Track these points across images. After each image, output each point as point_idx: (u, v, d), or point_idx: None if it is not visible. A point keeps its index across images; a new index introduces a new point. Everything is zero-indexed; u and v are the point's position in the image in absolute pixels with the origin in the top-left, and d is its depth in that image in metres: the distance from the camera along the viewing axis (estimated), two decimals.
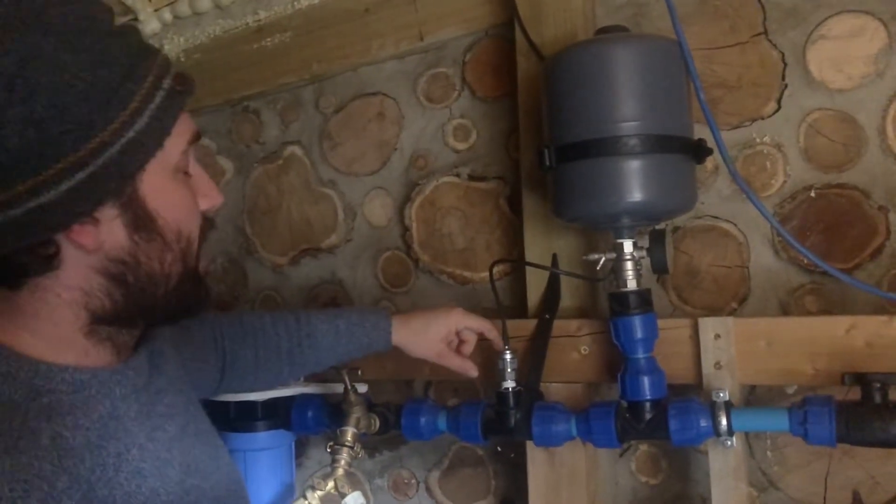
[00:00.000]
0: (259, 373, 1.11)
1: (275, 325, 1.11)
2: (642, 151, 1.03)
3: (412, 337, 1.15)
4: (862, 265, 1.19)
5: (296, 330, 1.11)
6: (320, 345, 1.12)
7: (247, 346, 1.09)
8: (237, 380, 1.11)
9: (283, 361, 1.12)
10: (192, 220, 0.73)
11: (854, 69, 1.20)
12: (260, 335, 1.10)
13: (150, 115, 0.64)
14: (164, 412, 0.77)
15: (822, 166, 1.22)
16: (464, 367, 1.18)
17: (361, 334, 1.13)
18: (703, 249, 1.29)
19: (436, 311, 1.17)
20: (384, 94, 1.59)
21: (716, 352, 1.13)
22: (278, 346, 1.11)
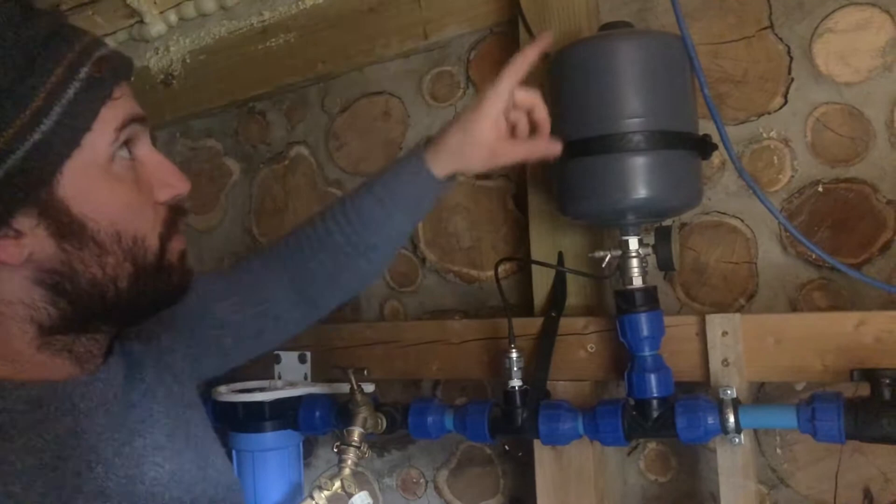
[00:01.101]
0: (338, 277, 0.97)
1: (325, 224, 0.95)
2: (647, 148, 1.02)
3: (457, 157, 0.92)
4: (871, 260, 1.19)
5: (343, 217, 0.94)
6: (375, 220, 0.94)
7: (312, 261, 0.95)
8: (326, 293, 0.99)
9: (353, 255, 0.95)
10: (137, 217, 0.67)
11: (861, 62, 1.19)
12: (316, 242, 0.95)
13: (60, 111, 0.59)
14: (139, 425, 0.72)
15: (829, 161, 1.21)
16: (535, 148, 0.96)
17: (404, 188, 0.94)
18: (710, 246, 1.29)
19: (465, 114, 0.93)
20: (389, 94, 1.58)
21: (723, 349, 1.12)
22: (337, 244, 0.95)
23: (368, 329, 1.44)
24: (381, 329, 1.44)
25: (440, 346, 1.36)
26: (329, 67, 1.60)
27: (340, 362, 1.40)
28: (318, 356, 1.44)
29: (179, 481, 0.73)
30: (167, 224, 0.69)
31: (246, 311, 0.94)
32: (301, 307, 0.98)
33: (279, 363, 1.46)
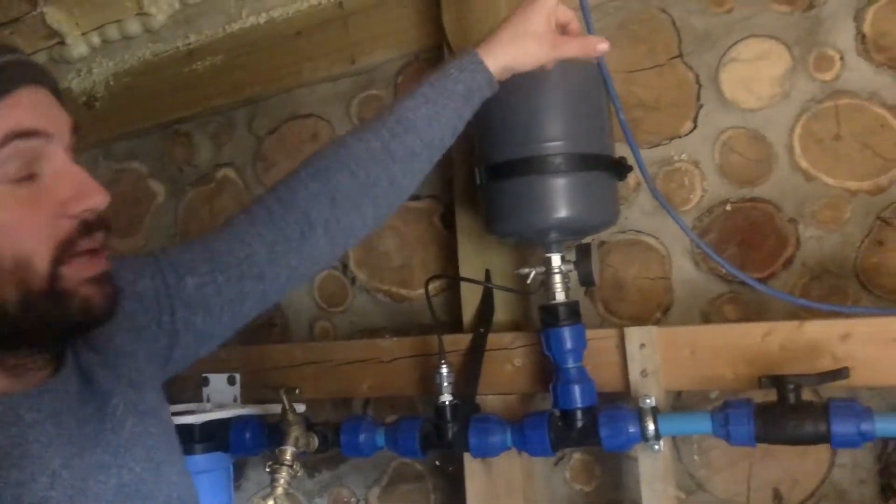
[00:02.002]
0: (370, 190, 0.91)
1: (355, 136, 0.92)
2: (567, 170, 1.08)
3: (513, 48, 0.94)
4: (776, 274, 1.27)
5: (380, 125, 0.91)
6: (417, 122, 0.91)
7: (340, 173, 0.89)
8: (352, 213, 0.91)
9: (386, 162, 0.91)
10: (24, 236, 0.64)
11: (763, 90, 1.28)
12: (343, 152, 0.91)
13: None
14: (91, 437, 0.72)
15: (736, 181, 1.29)
16: (590, 45, 1.01)
17: (454, 85, 0.93)
18: (627, 262, 1.35)
19: (520, 11, 0.96)
20: (318, 116, 1.61)
21: (642, 360, 1.18)
22: (370, 150, 0.90)
23: (298, 349, 1.45)
24: (311, 349, 1.45)
25: (371, 364, 1.38)
26: (257, 90, 1.62)
27: (271, 383, 1.40)
28: (248, 378, 1.44)
29: (126, 496, 0.72)
30: (64, 245, 0.66)
31: (217, 278, 0.85)
32: (293, 254, 0.89)
33: (207, 386, 1.45)
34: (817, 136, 1.24)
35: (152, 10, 1.65)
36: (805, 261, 1.25)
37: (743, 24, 1.29)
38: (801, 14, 1.26)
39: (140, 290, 0.83)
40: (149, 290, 0.83)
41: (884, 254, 1.21)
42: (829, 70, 1.24)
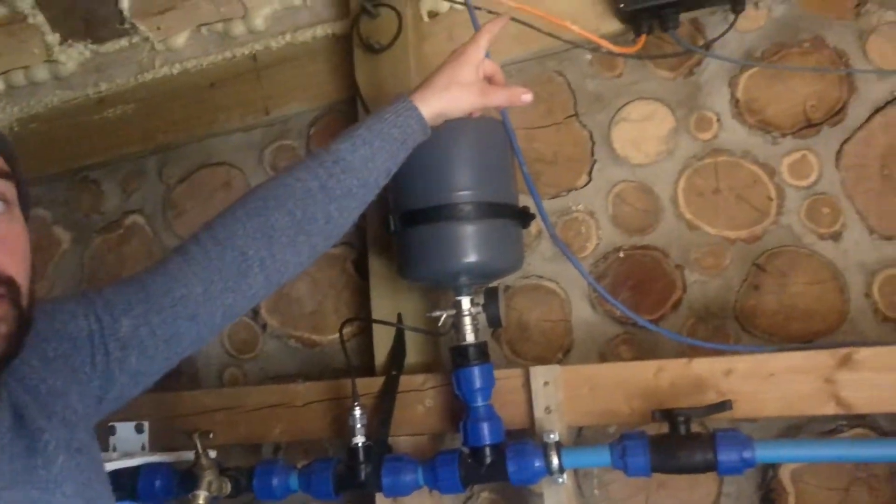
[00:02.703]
0: (306, 227, 0.93)
1: (293, 175, 0.94)
2: (476, 217, 1.15)
3: (445, 96, 1.00)
4: (665, 316, 1.37)
5: (317, 165, 0.95)
6: (355, 163, 0.95)
7: (277, 211, 0.92)
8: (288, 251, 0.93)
9: (323, 202, 0.94)
10: None
11: (650, 147, 1.40)
12: (281, 191, 0.93)
13: None
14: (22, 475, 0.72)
15: (628, 230, 1.40)
16: (516, 94, 1.06)
17: (389, 129, 0.97)
18: (531, 306, 1.43)
19: (449, 62, 1.02)
20: (230, 165, 1.64)
21: (546, 397, 1.25)
22: (308, 189, 0.93)
23: (209, 396, 1.45)
24: (222, 395, 1.45)
25: (283, 409, 1.40)
26: (169, 138, 1.63)
27: (182, 430, 1.39)
28: (157, 425, 1.43)
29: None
30: None
31: (152, 319, 0.86)
32: (229, 293, 0.90)
33: (114, 435, 1.43)
34: (699, 190, 1.37)
35: (62, 57, 1.65)
36: (691, 303, 1.36)
37: (631, 87, 1.42)
38: (682, 80, 1.40)
39: (73, 330, 0.83)
40: (82, 331, 0.83)
41: (760, 297, 1.33)
42: (708, 130, 1.38)
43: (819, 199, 1.31)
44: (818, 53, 1.33)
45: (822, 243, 1.30)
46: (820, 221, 1.31)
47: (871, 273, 1.28)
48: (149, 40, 1.63)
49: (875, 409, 1.13)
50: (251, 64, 1.58)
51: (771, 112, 1.35)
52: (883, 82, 1.29)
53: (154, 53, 1.65)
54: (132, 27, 1.62)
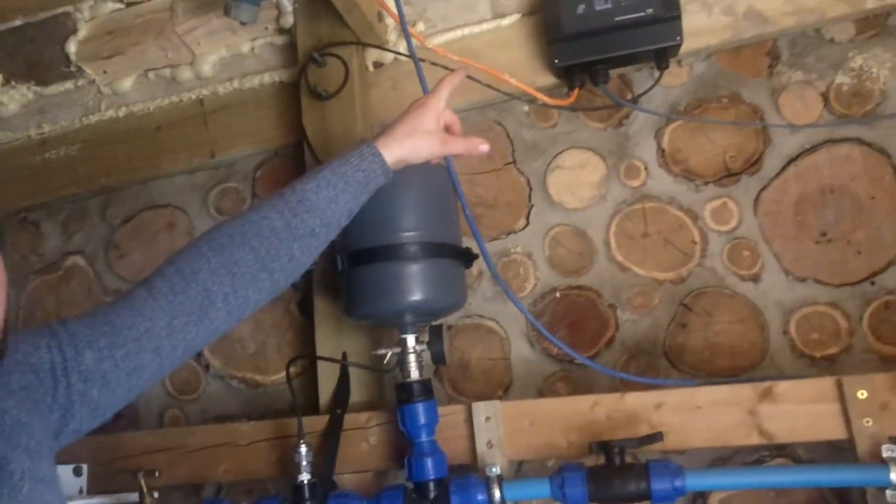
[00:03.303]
0: (269, 264, 0.95)
1: (258, 213, 0.97)
2: (421, 257, 1.20)
3: (407, 143, 1.04)
4: (600, 353, 1.44)
5: (282, 204, 0.97)
6: (319, 203, 0.98)
7: (242, 248, 0.93)
8: (250, 287, 0.95)
9: (287, 240, 0.96)
10: None
11: (583, 193, 1.48)
12: (246, 228, 0.95)
13: None
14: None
15: (563, 272, 1.47)
16: (473, 144, 1.09)
17: (353, 172, 1.01)
18: (472, 344, 1.48)
19: (411, 110, 1.07)
20: (174, 206, 1.65)
21: (487, 432, 1.29)
22: (273, 228, 0.95)
23: (151, 436, 1.44)
24: (165, 435, 1.44)
25: (227, 448, 1.40)
26: (113, 180, 1.64)
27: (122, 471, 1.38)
28: (97, 468, 1.41)
29: None
30: None
31: (116, 353, 0.86)
32: (191, 328, 0.92)
33: None
34: (629, 233, 1.45)
35: (3, 98, 1.65)
36: (624, 341, 1.43)
37: (565, 137, 1.50)
38: (612, 130, 1.49)
39: (36, 362, 0.83)
40: (45, 363, 0.83)
41: (687, 335, 1.41)
42: (637, 178, 1.47)
43: (739, 243, 1.41)
44: (736, 108, 1.44)
45: (744, 284, 1.40)
46: (741, 264, 1.40)
47: (787, 312, 1.37)
48: (95, 83, 1.65)
49: (794, 438, 1.20)
50: (198, 108, 1.61)
51: (694, 162, 1.45)
52: (795, 136, 1.40)
53: (100, 96, 1.67)
54: (78, 70, 1.63)
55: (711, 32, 1.40)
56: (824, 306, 1.36)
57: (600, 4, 1.33)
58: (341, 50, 1.48)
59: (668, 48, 1.34)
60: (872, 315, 1.34)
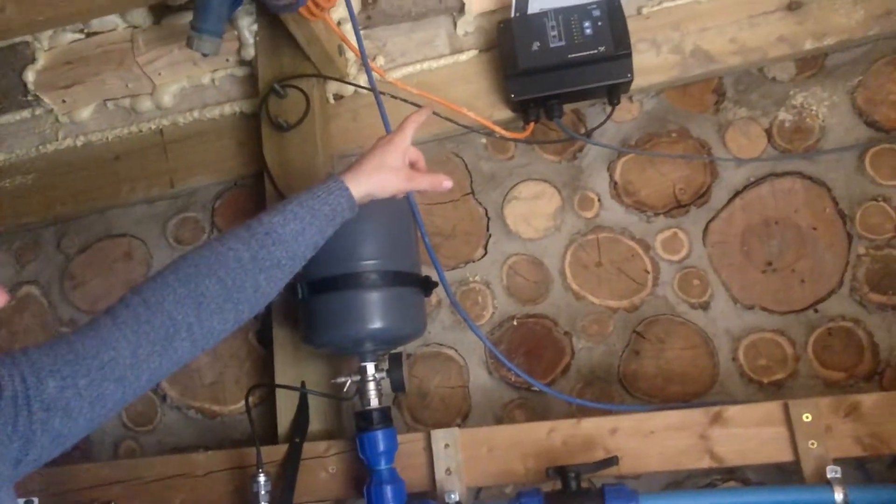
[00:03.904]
0: (235, 295, 0.95)
1: (225, 244, 0.96)
2: (381, 285, 1.22)
3: (374, 179, 1.06)
4: (556, 380, 1.46)
5: (249, 236, 0.97)
6: (285, 236, 0.99)
7: (208, 278, 0.93)
8: (215, 318, 0.94)
9: (253, 272, 0.96)
10: None
11: (539, 223, 1.52)
12: (213, 259, 0.95)
13: None
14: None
15: (520, 300, 1.50)
16: (438, 181, 1.12)
17: (321, 205, 1.02)
18: (431, 373, 1.50)
19: (378, 147, 1.09)
20: (132, 236, 1.64)
21: (446, 459, 1.30)
22: (240, 259, 0.95)
23: (106, 468, 1.42)
24: (119, 467, 1.42)
25: (184, 479, 1.38)
26: (69, 209, 1.63)
27: None
28: (48, 501, 1.38)
29: None
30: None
31: (79, 382, 0.85)
32: (156, 357, 0.91)
33: None
34: (583, 263, 1.49)
35: None
36: (579, 368, 1.46)
37: (521, 169, 1.54)
38: (567, 163, 1.53)
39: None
40: (6, 391, 0.81)
41: (640, 362, 1.44)
42: (591, 209, 1.51)
43: (689, 272, 1.45)
44: (684, 142, 1.50)
45: (694, 312, 1.44)
46: (690, 292, 1.45)
47: (736, 339, 1.42)
48: (52, 112, 1.64)
49: (743, 461, 1.24)
50: (157, 138, 1.61)
51: (645, 194, 1.49)
52: (741, 169, 1.46)
53: (57, 125, 1.66)
54: (35, 99, 1.63)
55: (660, 70, 1.46)
56: (771, 333, 1.41)
57: (554, 42, 1.38)
58: (302, 82, 1.50)
59: (620, 84, 1.39)
60: (816, 341, 1.39)
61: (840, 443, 1.20)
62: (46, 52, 1.61)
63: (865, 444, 1.20)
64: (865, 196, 1.41)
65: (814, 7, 1.42)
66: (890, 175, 1.40)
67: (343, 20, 1.43)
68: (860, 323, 1.38)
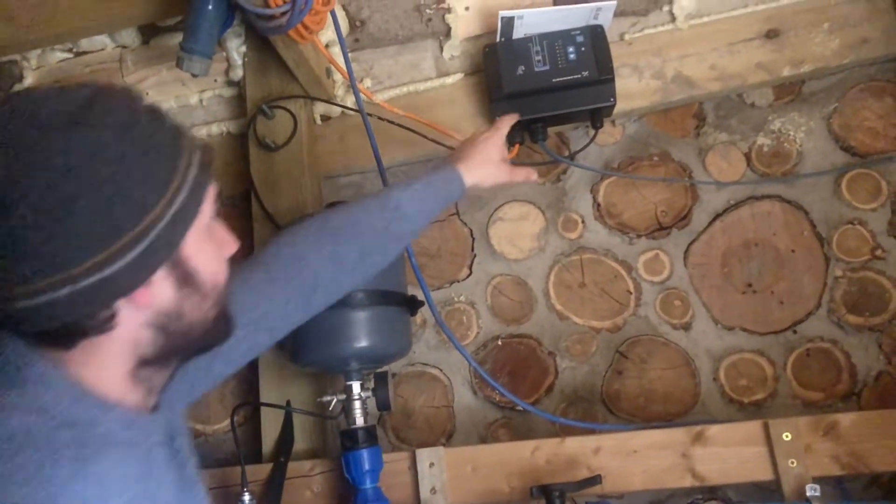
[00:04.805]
0: (367, 259, 1.06)
1: (360, 212, 1.06)
2: (367, 304, 1.23)
3: (479, 170, 1.14)
4: (540, 400, 1.48)
5: (381, 208, 1.06)
6: (410, 213, 1.07)
7: (348, 243, 1.03)
8: (346, 280, 1.05)
9: (385, 240, 1.07)
10: (222, 268, 0.79)
11: (524, 244, 1.54)
12: (352, 225, 1.05)
13: (189, 189, 0.71)
14: (182, 463, 0.81)
15: (505, 320, 1.51)
16: (531, 173, 1.23)
17: (441, 191, 1.11)
18: (416, 392, 1.50)
19: (479, 142, 1.17)
20: None
21: (431, 478, 1.31)
22: (375, 228, 1.05)
23: None
24: None
25: None
26: None
27: None
28: None
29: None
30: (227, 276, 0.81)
31: (238, 332, 0.91)
32: (300, 311, 1.03)
33: None
34: (567, 283, 1.51)
35: None
36: (563, 388, 1.47)
37: (506, 190, 1.56)
38: (551, 185, 1.56)
39: None
40: None
41: (623, 381, 1.46)
42: (575, 230, 1.53)
43: (671, 293, 1.48)
44: (665, 166, 1.53)
45: (676, 333, 1.46)
46: (672, 313, 1.47)
47: (717, 359, 1.44)
48: None
49: (725, 480, 1.26)
50: None
51: (627, 216, 1.52)
52: (721, 192, 1.49)
53: None
54: None
55: (642, 95, 1.49)
56: (751, 354, 1.43)
57: (539, 66, 1.41)
58: (290, 103, 1.52)
59: (603, 108, 1.42)
60: (795, 362, 1.41)
61: (819, 462, 1.22)
62: (34, 71, 1.62)
63: (844, 462, 1.22)
64: (842, 219, 1.44)
65: (791, 36, 1.46)
66: (866, 199, 1.44)
67: (331, 42, 1.45)
68: (838, 344, 1.41)
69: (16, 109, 0.66)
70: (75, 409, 0.69)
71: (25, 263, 0.64)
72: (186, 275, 0.74)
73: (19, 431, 0.64)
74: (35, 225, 0.63)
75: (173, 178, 0.70)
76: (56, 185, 0.63)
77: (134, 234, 0.67)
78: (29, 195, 0.62)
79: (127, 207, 0.66)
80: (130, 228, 0.67)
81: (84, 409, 0.70)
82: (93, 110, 0.66)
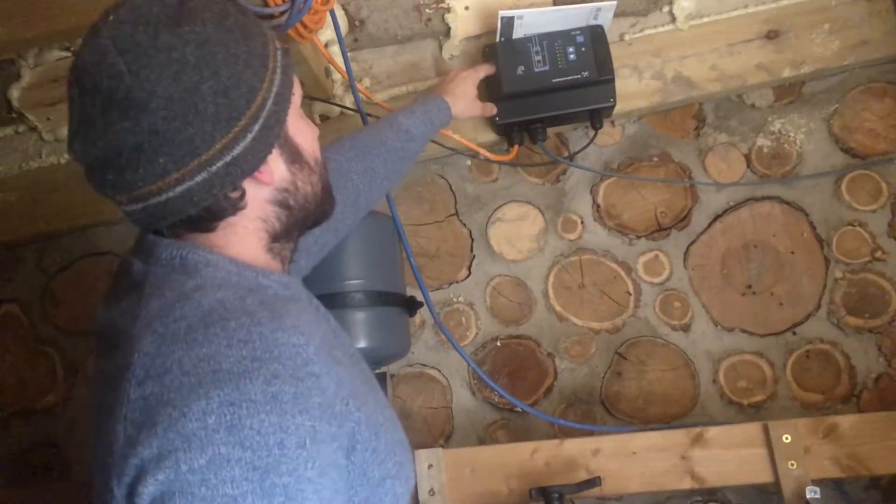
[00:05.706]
0: (391, 175, 1.18)
1: (381, 132, 1.18)
2: (367, 305, 1.22)
3: (462, 103, 1.32)
4: (539, 401, 1.47)
5: (394, 131, 1.18)
6: (416, 135, 1.21)
7: (378, 158, 1.14)
8: (375, 193, 1.16)
9: (402, 158, 1.19)
10: (317, 144, 0.86)
11: (523, 245, 1.53)
12: (378, 144, 1.16)
13: (281, 71, 0.77)
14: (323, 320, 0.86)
15: (504, 321, 1.51)
16: (491, 109, 1.41)
17: (434, 116, 1.25)
18: (414, 393, 1.50)
19: (460, 78, 1.36)
20: (114, 255, 1.64)
21: (430, 480, 1.30)
22: (394, 147, 1.17)
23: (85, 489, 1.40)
24: None
25: None
26: (51, 227, 1.62)
27: None
28: None
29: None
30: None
31: (319, 237, 1.03)
32: (352, 215, 1.13)
33: None
34: (566, 284, 1.51)
35: None
36: (562, 389, 1.47)
37: (505, 191, 1.56)
38: (550, 185, 1.55)
39: None
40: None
41: (622, 383, 1.46)
42: (574, 231, 1.53)
43: (671, 295, 1.47)
44: (665, 167, 1.52)
45: (675, 334, 1.46)
46: (672, 314, 1.47)
47: (716, 361, 1.44)
48: (37, 130, 1.63)
49: (724, 482, 1.25)
50: None
51: (627, 217, 1.52)
52: (720, 193, 1.49)
53: (41, 143, 1.65)
54: (20, 117, 1.62)
55: (642, 96, 1.48)
56: (751, 355, 1.43)
57: (539, 67, 1.40)
58: None
59: (603, 109, 1.42)
60: (795, 364, 1.41)
61: (819, 464, 1.21)
62: (32, 70, 1.61)
63: (843, 465, 1.21)
64: (842, 221, 1.44)
65: (791, 37, 1.46)
66: (866, 200, 1.44)
67: (330, 42, 1.45)
68: (837, 345, 1.40)
69: (121, 20, 0.70)
70: (244, 280, 0.75)
71: (164, 155, 0.69)
72: (293, 152, 0.80)
73: (216, 306, 0.69)
74: (170, 116, 0.68)
75: (269, 61, 0.76)
76: (179, 76, 0.69)
77: (251, 112, 0.72)
78: (157, 90, 0.68)
79: (241, 89, 0.72)
80: (247, 108, 0.72)
81: (251, 278, 0.76)
82: (188, 7, 0.72)
